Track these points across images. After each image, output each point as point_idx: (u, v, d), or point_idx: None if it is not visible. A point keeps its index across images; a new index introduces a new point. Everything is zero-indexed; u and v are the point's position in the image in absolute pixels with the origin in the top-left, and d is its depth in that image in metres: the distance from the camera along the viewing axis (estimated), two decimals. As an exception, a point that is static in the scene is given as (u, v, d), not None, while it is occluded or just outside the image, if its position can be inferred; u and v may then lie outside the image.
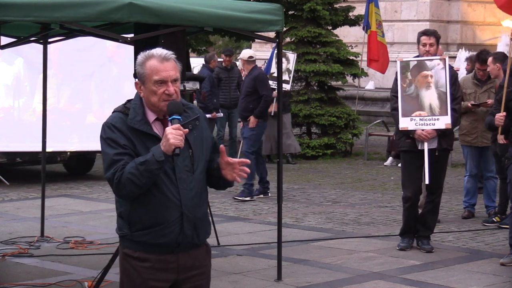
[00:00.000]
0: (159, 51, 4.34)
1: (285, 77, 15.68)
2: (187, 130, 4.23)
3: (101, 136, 4.34)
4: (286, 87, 15.67)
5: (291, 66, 15.83)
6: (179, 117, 4.23)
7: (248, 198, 12.36)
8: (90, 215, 11.23)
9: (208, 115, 15.70)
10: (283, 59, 15.87)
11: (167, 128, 4.18)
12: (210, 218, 4.60)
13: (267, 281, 7.91)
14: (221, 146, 4.41)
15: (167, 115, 4.28)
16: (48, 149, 10.23)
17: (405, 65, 8.97)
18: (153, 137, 4.30)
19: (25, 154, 13.47)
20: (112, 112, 4.42)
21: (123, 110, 4.38)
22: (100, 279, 7.46)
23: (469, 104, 10.52)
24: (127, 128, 4.30)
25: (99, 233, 10.02)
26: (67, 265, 8.53)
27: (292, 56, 15.92)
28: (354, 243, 9.54)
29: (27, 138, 12.80)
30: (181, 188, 4.30)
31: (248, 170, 4.42)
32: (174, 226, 4.31)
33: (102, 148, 4.33)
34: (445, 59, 8.95)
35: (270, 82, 15.23)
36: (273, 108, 15.51)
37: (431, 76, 8.82)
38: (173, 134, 4.13)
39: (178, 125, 4.17)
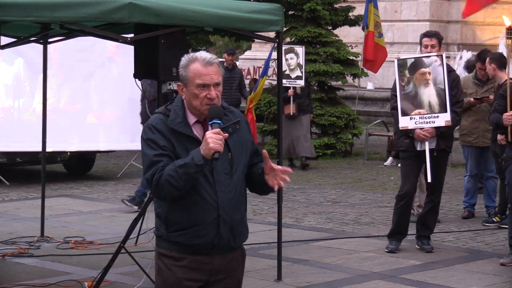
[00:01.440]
0: (203, 54, 4.36)
1: (297, 73, 15.30)
2: (227, 134, 4.24)
3: (141, 137, 4.38)
4: (300, 83, 15.32)
5: (301, 60, 15.47)
6: (220, 121, 4.25)
7: (136, 208, 11.00)
8: (90, 215, 11.22)
9: None
10: (292, 54, 15.57)
11: (207, 132, 4.19)
12: (247, 222, 4.57)
13: (267, 281, 7.91)
14: (264, 151, 4.41)
15: (207, 118, 4.30)
16: (48, 149, 10.24)
17: (402, 63, 8.95)
18: (193, 139, 4.32)
19: (25, 154, 13.47)
20: (154, 113, 4.45)
21: (164, 112, 4.40)
22: (100, 279, 7.46)
23: (471, 99, 10.50)
24: (168, 130, 4.32)
25: (99, 233, 10.02)
26: (67, 265, 8.53)
27: (300, 49, 15.65)
28: (354, 243, 9.54)
29: (27, 138, 12.80)
30: (219, 190, 4.32)
31: (288, 179, 4.39)
32: (210, 228, 4.32)
33: (142, 149, 4.37)
34: (442, 55, 8.92)
35: (284, 81, 15.07)
36: (291, 109, 15.17)
37: (429, 73, 8.80)
38: (213, 139, 4.15)
39: (218, 130, 4.19)
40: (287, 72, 15.32)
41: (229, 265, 4.45)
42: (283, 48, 15.33)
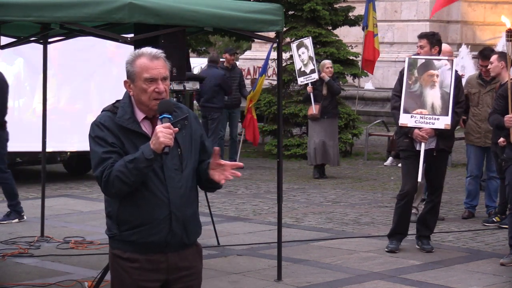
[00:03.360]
0: (148, 49, 4.36)
1: (310, 66, 14.63)
2: (177, 129, 4.23)
3: (89, 135, 4.35)
4: (315, 76, 14.42)
5: (311, 52, 14.77)
6: (170, 116, 4.24)
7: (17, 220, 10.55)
8: (90, 215, 11.22)
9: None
10: (303, 49, 14.93)
11: (157, 127, 4.18)
12: (199, 218, 4.57)
13: (267, 281, 7.91)
14: (216, 148, 4.40)
15: (157, 113, 4.28)
16: (48, 149, 10.24)
17: (412, 62, 9.00)
18: (141, 135, 4.30)
19: (25, 154, 13.46)
20: (101, 111, 4.43)
21: (112, 109, 4.38)
22: (100, 279, 7.45)
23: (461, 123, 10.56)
24: (116, 127, 4.30)
25: (99, 233, 9.99)
26: (67, 265, 8.52)
27: (308, 40, 15.05)
28: (354, 243, 9.54)
29: (27, 138, 12.79)
30: (170, 186, 4.31)
31: (239, 174, 4.38)
32: (162, 225, 4.31)
33: (91, 146, 4.33)
34: (452, 60, 9.00)
35: (302, 78, 14.77)
36: (313, 110, 14.30)
37: (437, 76, 8.85)
38: (163, 133, 4.13)
39: (168, 124, 4.18)
40: (302, 68, 14.72)
41: (186, 262, 4.43)
42: (295, 45, 15.23)
